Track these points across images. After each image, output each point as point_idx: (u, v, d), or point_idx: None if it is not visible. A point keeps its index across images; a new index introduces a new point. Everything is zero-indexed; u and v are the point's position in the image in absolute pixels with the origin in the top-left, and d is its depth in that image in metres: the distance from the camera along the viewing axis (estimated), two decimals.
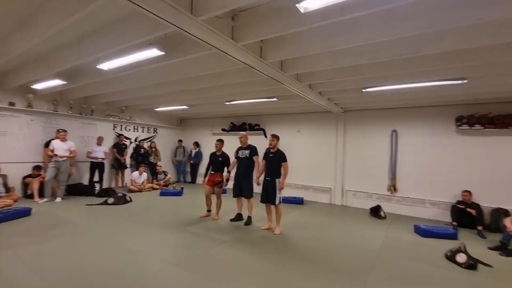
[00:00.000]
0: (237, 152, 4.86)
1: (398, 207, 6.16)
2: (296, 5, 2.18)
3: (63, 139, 6.06)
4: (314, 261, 3.28)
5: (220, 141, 5.03)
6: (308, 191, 7.40)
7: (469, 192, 5.13)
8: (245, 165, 4.70)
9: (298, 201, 6.77)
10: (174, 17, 2.34)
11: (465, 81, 3.88)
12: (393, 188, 6.26)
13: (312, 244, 3.89)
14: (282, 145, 6.32)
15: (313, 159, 7.49)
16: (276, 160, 4.31)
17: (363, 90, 4.73)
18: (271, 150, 4.39)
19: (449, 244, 3.73)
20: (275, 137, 4.42)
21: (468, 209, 4.94)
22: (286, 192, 7.37)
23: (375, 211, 5.77)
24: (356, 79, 4.35)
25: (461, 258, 3.31)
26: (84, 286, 2.51)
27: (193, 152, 9.62)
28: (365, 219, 5.59)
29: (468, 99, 5.33)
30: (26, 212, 4.65)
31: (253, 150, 4.72)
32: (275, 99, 5.77)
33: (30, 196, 5.90)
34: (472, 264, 3.22)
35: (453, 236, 4.37)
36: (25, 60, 4.61)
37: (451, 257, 3.44)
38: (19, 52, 3.66)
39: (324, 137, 7.36)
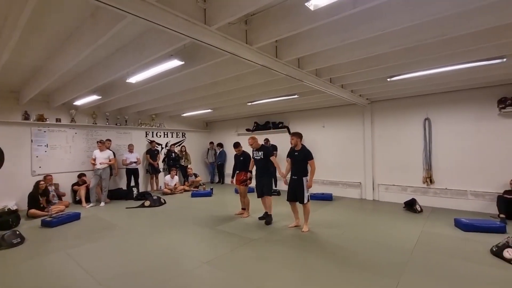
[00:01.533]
0: (253, 153, 4.97)
1: (436, 199, 5.78)
2: (305, 4, 2.17)
3: (102, 149, 6.62)
4: (343, 259, 3.24)
5: (237, 146, 5.24)
6: (337, 187, 7.24)
7: None
8: (262, 166, 4.80)
9: (327, 198, 6.66)
10: (189, 29, 2.46)
11: (504, 60, 3.53)
12: (429, 180, 5.88)
13: (342, 241, 3.83)
14: (307, 142, 6.32)
15: (340, 153, 7.30)
16: (301, 159, 4.27)
17: (388, 79, 4.53)
18: (295, 149, 4.36)
19: (496, 239, 3.45)
20: (295, 135, 4.37)
21: None
22: (314, 189, 7.26)
23: (410, 205, 5.47)
24: (379, 69, 4.16)
25: (509, 253, 3.06)
26: (131, 283, 2.74)
27: (217, 152, 9.92)
28: (399, 214, 5.33)
29: (511, 79, 4.83)
30: (76, 217, 5.17)
31: (266, 151, 4.78)
32: (296, 96, 5.73)
33: (79, 202, 6.54)
34: None
35: (500, 230, 4.01)
36: (66, 80, 5.12)
37: (497, 252, 3.19)
38: (61, 73, 4.08)
39: (350, 130, 7.13)
